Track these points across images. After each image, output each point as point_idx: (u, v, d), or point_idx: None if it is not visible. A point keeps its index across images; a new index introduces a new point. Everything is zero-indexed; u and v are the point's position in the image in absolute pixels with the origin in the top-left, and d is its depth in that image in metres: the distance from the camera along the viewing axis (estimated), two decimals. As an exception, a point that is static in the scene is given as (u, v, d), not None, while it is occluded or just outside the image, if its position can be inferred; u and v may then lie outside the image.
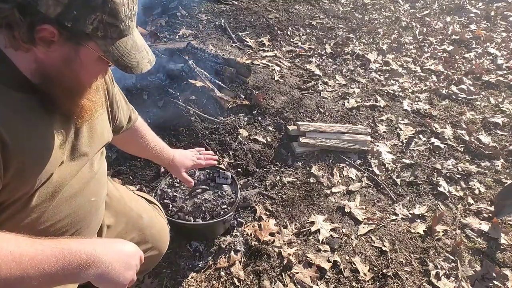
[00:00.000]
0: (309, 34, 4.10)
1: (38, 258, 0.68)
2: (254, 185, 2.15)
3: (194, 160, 1.53)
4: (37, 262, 0.67)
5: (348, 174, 2.32)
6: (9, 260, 0.64)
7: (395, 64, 3.66)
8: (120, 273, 0.79)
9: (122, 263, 0.80)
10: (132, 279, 0.83)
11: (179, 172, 1.48)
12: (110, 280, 0.77)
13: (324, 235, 1.89)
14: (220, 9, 4.23)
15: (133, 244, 0.88)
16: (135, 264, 0.85)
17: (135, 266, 0.85)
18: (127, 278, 0.81)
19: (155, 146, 1.39)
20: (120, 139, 1.28)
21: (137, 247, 0.88)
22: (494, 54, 3.90)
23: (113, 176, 2.08)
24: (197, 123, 2.37)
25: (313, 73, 3.33)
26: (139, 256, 0.88)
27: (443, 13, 5.07)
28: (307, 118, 2.70)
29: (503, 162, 2.51)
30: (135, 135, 1.32)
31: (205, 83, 2.50)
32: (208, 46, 3.24)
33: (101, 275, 0.76)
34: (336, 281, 1.70)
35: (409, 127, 2.79)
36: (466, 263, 1.83)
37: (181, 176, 1.49)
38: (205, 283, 1.62)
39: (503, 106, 3.08)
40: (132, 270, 0.84)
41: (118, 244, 0.84)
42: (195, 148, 1.63)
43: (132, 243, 0.88)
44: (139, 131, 1.33)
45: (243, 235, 1.84)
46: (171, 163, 1.45)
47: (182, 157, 1.49)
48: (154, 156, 1.41)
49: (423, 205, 2.15)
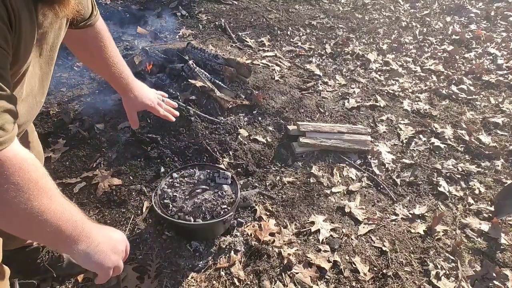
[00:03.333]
0: (309, 34, 4.10)
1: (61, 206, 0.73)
2: (254, 185, 2.15)
3: (154, 103, 1.36)
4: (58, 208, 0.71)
5: (348, 174, 2.32)
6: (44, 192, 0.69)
7: (395, 64, 3.66)
8: (106, 255, 0.82)
9: (110, 246, 0.83)
10: (118, 265, 0.86)
11: (132, 107, 1.32)
12: (96, 261, 0.80)
13: (324, 235, 1.89)
14: (220, 9, 4.23)
15: (120, 232, 0.92)
16: (122, 250, 0.88)
17: (121, 252, 0.88)
18: (113, 261, 0.83)
19: (115, 63, 1.22)
20: (76, 41, 1.14)
21: (123, 235, 0.92)
22: (494, 54, 3.90)
23: (113, 176, 2.08)
24: (197, 123, 2.37)
25: (313, 73, 3.33)
26: (125, 244, 0.92)
27: (443, 13, 5.07)
28: (307, 118, 2.70)
29: (503, 162, 2.51)
30: (95, 38, 1.15)
31: (205, 83, 2.50)
32: (208, 46, 3.24)
33: (88, 253, 0.78)
34: (336, 281, 1.70)
35: (409, 127, 2.79)
36: (466, 263, 1.83)
37: (131, 113, 1.33)
38: (205, 283, 1.62)
39: (503, 106, 3.08)
40: (118, 255, 0.86)
41: (107, 229, 0.89)
42: (161, 92, 1.46)
43: (119, 231, 0.92)
44: (100, 34, 1.16)
45: (243, 235, 1.84)
46: (129, 92, 1.29)
47: (143, 92, 1.33)
48: (112, 74, 1.23)
49: (423, 205, 2.15)
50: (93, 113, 2.48)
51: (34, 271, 1.49)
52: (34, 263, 1.45)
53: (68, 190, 1.99)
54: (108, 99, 2.58)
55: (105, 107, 2.53)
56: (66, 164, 2.15)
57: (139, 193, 2.01)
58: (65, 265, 1.55)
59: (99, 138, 2.30)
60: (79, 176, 2.07)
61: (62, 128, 2.37)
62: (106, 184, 2.01)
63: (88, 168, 2.13)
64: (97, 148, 2.25)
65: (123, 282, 1.57)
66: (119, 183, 2.03)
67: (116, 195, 1.97)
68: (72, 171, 2.12)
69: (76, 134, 2.33)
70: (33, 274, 1.49)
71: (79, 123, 2.40)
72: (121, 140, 2.28)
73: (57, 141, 2.27)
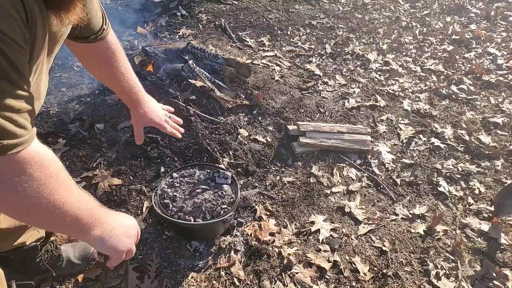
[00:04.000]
0: (309, 34, 4.10)
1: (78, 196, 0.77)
2: (254, 185, 2.15)
3: (161, 120, 1.37)
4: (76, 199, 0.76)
5: (348, 174, 2.32)
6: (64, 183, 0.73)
7: (395, 64, 3.66)
8: (120, 239, 0.87)
9: (123, 231, 0.89)
10: (130, 249, 0.91)
11: (141, 123, 1.33)
12: (110, 245, 0.85)
13: (324, 235, 1.89)
14: (220, 9, 4.23)
15: (132, 217, 0.97)
16: (134, 235, 0.94)
17: (134, 236, 0.94)
18: (126, 245, 0.89)
19: (126, 78, 1.22)
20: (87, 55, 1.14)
21: (135, 220, 0.97)
22: (494, 54, 3.90)
23: (113, 176, 2.08)
24: (197, 123, 2.37)
25: (313, 73, 3.33)
26: (137, 229, 0.97)
27: (443, 13, 5.07)
28: (307, 118, 2.70)
29: (503, 162, 2.51)
30: (105, 53, 1.15)
31: (205, 83, 2.50)
32: (208, 46, 3.24)
33: (103, 238, 0.83)
34: (336, 281, 1.70)
35: (409, 127, 2.79)
36: (466, 263, 1.83)
37: (139, 128, 1.34)
38: (205, 283, 1.62)
39: (503, 106, 3.08)
40: (131, 239, 0.92)
41: (120, 215, 0.93)
42: (167, 106, 1.48)
43: (131, 217, 0.97)
44: (111, 49, 1.15)
45: (243, 235, 1.84)
46: (139, 108, 1.29)
47: (153, 109, 1.34)
48: (123, 89, 1.23)
49: (423, 205, 2.15)
50: (93, 113, 2.48)
51: (34, 270, 1.48)
52: (33, 262, 1.45)
53: (68, 190, 1.99)
54: (108, 99, 2.58)
55: (105, 107, 2.53)
56: (66, 164, 2.15)
57: (139, 193, 2.01)
58: (64, 264, 1.55)
59: (99, 138, 2.30)
60: (79, 176, 2.07)
61: (62, 128, 2.37)
62: (106, 184, 2.01)
63: (88, 168, 2.13)
64: (97, 148, 2.25)
65: (123, 282, 1.57)
66: (119, 183, 2.03)
67: (116, 195, 1.97)
68: (72, 171, 2.11)
69: (76, 134, 2.33)
70: (33, 273, 1.49)
71: (79, 123, 2.40)
72: (121, 140, 2.28)
73: (57, 141, 2.26)
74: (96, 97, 2.64)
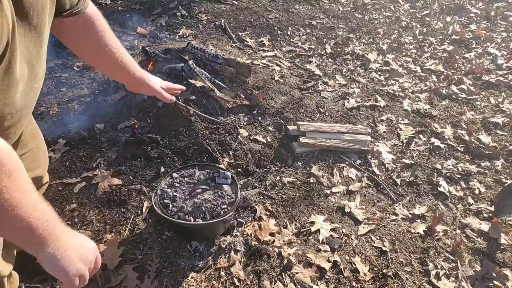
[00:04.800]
0: (309, 34, 4.10)
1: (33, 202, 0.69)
2: (254, 185, 2.15)
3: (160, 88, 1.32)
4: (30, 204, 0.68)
5: (348, 174, 2.32)
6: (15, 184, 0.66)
7: (395, 64, 3.66)
8: (72, 262, 0.77)
9: (78, 254, 0.79)
10: (83, 275, 0.81)
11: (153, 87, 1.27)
12: (60, 266, 0.76)
13: (324, 235, 1.89)
14: (220, 9, 4.23)
15: (93, 242, 0.87)
16: (90, 261, 0.84)
17: (90, 262, 0.84)
18: (78, 269, 0.79)
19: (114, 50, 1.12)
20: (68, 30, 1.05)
21: (95, 246, 0.88)
22: (494, 54, 3.90)
23: (113, 176, 2.08)
24: (197, 123, 2.37)
25: (313, 73, 3.33)
26: (96, 255, 0.87)
27: (443, 13, 5.07)
28: (307, 118, 2.70)
29: (503, 162, 2.51)
30: (87, 25, 1.06)
31: (205, 83, 2.50)
32: (208, 46, 3.24)
33: (55, 257, 0.75)
34: (336, 281, 1.70)
35: (409, 127, 2.79)
36: (466, 263, 1.83)
37: (157, 91, 1.27)
38: (205, 283, 1.62)
39: (503, 106, 3.08)
40: (85, 264, 0.82)
41: (79, 236, 0.84)
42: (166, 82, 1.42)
43: (92, 241, 0.87)
44: (92, 20, 1.06)
45: (243, 235, 1.84)
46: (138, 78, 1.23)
47: (151, 77, 1.29)
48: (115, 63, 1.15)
49: (423, 205, 2.15)
50: (93, 113, 2.48)
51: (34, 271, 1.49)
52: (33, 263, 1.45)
53: (68, 190, 1.99)
54: (108, 99, 2.58)
55: (105, 107, 2.53)
56: (66, 164, 2.15)
57: (139, 193, 2.01)
58: None
59: (99, 138, 2.30)
60: (79, 176, 2.07)
61: (62, 128, 2.38)
62: (106, 184, 2.01)
63: (88, 168, 2.13)
64: (97, 148, 2.25)
65: (123, 282, 1.57)
66: (119, 183, 2.03)
67: (116, 195, 1.97)
68: (72, 171, 2.12)
69: (76, 134, 2.33)
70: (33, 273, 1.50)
71: (79, 123, 2.40)
72: (121, 140, 2.28)
73: (57, 141, 2.27)
74: (96, 97, 2.64)
